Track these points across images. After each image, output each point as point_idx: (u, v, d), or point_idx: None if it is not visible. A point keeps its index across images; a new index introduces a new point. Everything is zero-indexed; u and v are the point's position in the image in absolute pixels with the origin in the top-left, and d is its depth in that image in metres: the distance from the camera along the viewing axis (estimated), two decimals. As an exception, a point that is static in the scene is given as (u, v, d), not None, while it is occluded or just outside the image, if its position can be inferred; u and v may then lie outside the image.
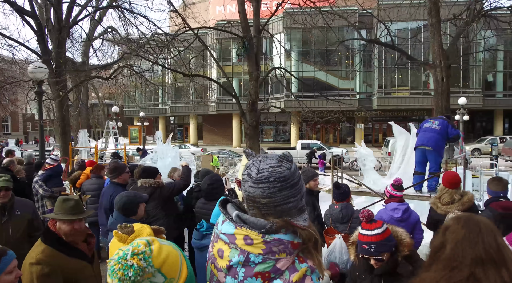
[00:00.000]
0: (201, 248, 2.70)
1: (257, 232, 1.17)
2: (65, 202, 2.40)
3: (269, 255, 1.16)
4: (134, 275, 1.11)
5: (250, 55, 7.63)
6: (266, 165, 1.23)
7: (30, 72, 8.12)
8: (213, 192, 3.79)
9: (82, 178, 6.31)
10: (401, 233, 2.26)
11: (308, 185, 4.11)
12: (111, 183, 4.14)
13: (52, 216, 2.41)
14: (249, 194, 1.23)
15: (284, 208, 1.21)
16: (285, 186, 1.20)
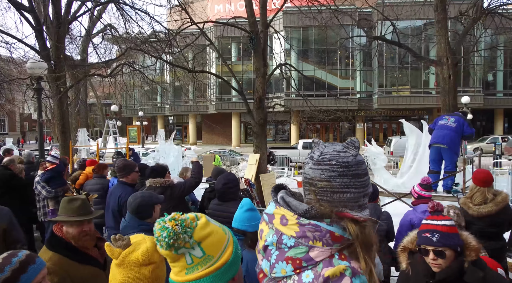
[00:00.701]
0: None
1: (293, 213, 1.11)
2: (71, 202, 2.14)
3: (302, 240, 1.08)
4: (167, 237, 1.13)
5: (257, 51, 7.37)
6: (331, 149, 1.17)
7: (29, 68, 7.84)
8: (228, 192, 3.54)
9: (81, 178, 6.04)
10: (467, 236, 1.99)
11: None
12: (119, 182, 3.87)
13: (58, 219, 2.15)
14: (307, 176, 1.16)
15: (342, 197, 1.11)
16: (346, 172, 1.12)
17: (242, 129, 41.31)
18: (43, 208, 5.49)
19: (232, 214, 3.50)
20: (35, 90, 8.37)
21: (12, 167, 5.60)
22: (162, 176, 3.71)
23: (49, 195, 5.31)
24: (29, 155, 6.59)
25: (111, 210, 3.78)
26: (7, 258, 1.68)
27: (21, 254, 1.75)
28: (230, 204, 3.54)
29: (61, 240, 2.10)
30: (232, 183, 3.55)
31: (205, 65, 20.61)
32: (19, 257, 1.71)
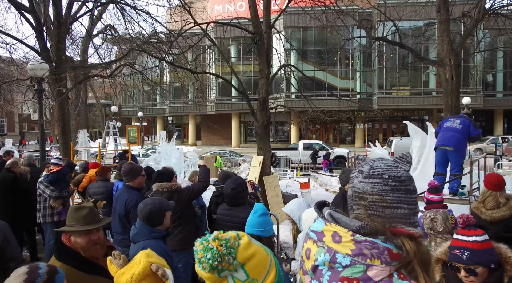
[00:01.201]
0: None
1: (347, 230, 1.04)
2: (78, 210, 2.07)
3: (359, 258, 1.01)
4: (211, 258, 1.09)
5: (261, 52, 7.31)
6: (381, 163, 1.13)
7: (30, 69, 7.76)
8: (237, 196, 3.48)
9: (84, 180, 5.96)
10: (505, 250, 1.91)
11: (344, 188, 3.83)
12: (126, 186, 3.79)
13: (66, 229, 2.08)
14: (356, 190, 1.12)
15: (394, 212, 1.07)
16: (399, 187, 1.08)
17: (242, 130, 41.26)
18: (44, 210, 5.38)
19: (242, 219, 3.44)
20: (36, 92, 8.28)
21: (16, 169, 5.53)
22: (169, 180, 3.64)
23: (53, 194, 5.23)
24: (29, 157, 6.49)
25: (117, 214, 3.70)
26: (32, 271, 1.63)
27: (43, 265, 1.73)
28: (239, 209, 3.47)
29: (69, 250, 2.03)
30: (241, 187, 3.49)
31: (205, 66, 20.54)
32: (43, 268, 1.69)
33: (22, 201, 5.35)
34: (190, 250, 3.79)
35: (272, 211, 6.49)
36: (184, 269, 3.65)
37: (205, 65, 21.08)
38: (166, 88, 27.63)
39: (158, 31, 11.74)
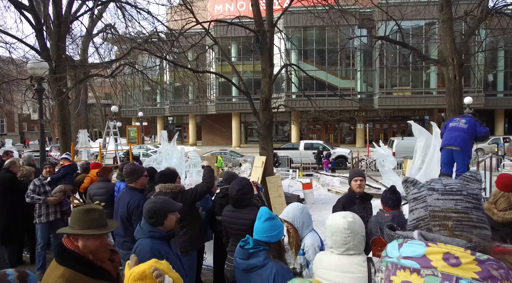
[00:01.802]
0: (249, 269, 2.28)
1: (464, 248, 0.88)
2: (88, 213, 1.97)
3: (489, 282, 0.84)
4: None
5: (263, 51, 7.22)
6: (452, 181, 1.04)
7: (30, 69, 7.67)
8: (243, 198, 3.39)
9: (86, 181, 5.87)
10: None
11: (350, 186, 3.73)
12: (128, 187, 3.70)
13: (77, 232, 1.95)
14: (435, 208, 0.99)
15: (481, 233, 0.95)
16: (479, 205, 0.98)
17: (242, 130, 41.19)
18: (39, 209, 5.31)
19: (247, 221, 3.35)
20: (36, 91, 8.19)
21: (14, 169, 5.44)
22: (172, 181, 3.55)
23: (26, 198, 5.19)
24: (29, 157, 6.40)
25: (119, 216, 3.61)
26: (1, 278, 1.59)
27: (11, 271, 1.68)
28: (245, 211, 3.39)
29: (72, 254, 1.93)
30: (247, 188, 3.39)
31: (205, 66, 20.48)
32: (12, 274, 1.65)
33: (21, 201, 5.25)
34: (194, 252, 3.71)
35: (275, 212, 6.39)
36: (188, 271, 3.56)
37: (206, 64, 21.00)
38: (167, 88, 27.57)
39: (159, 30, 11.66)
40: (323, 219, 8.98)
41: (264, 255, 2.22)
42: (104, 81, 16.96)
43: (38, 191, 5.27)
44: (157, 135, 45.07)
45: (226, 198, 3.80)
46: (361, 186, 3.74)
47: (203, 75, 12.27)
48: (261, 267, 2.20)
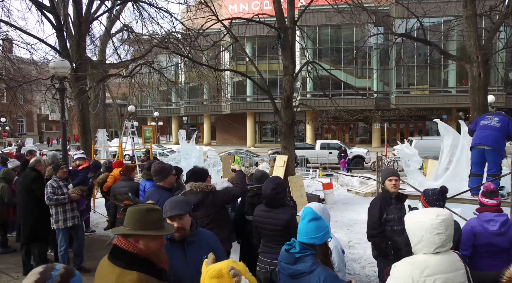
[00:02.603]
0: (295, 275, 2.15)
1: None
2: (150, 213, 1.85)
3: None
4: None
5: (285, 48, 7.10)
6: None
7: (52, 68, 7.70)
8: (277, 197, 3.28)
9: (109, 180, 5.86)
10: None
11: (385, 186, 3.59)
12: (157, 186, 3.62)
13: (142, 233, 1.80)
14: None
15: None
16: None
17: (257, 130, 41.12)
18: (56, 215, 5.18)
19: (282, 221, 3.24)
20: (58, 90, 8.23)
21: (39, 167, 5.43)
22: (203, 179, 3.45)
23: (48, 202, 5.10)
24: (53, 156, 6.42)
25: None
26: (45, 272, 1.55)
27: (59, 267, 1.63)
28: (279, 211, 3.28)
29: (138, 256, 1.81)
30: (280, 187, 3.29)
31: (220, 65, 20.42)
32: (58, 270, 1.60)
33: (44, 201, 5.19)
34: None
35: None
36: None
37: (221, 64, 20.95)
38: (182, 88, 27.69)
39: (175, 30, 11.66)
40: (345, 219, 8.82)
41: (311, 261, 2.10)
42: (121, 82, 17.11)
43: (57, 193, 5.20)
44: (172, 135, 45.38)
45: (258, 197, 3.71)
46: (396, 186, 3.59)
47: (219, 74, 12.24)
48: (308, 274, 2.08)
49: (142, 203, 2.05)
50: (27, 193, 5.25)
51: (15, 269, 5.76)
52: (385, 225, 3.59)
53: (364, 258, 5.83)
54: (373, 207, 3.63)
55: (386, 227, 3.59)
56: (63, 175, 5.21)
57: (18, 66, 16.25)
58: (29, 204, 5.28)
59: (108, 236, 7.37)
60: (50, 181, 5.13)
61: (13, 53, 18.41)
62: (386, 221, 3.60)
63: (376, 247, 3.68)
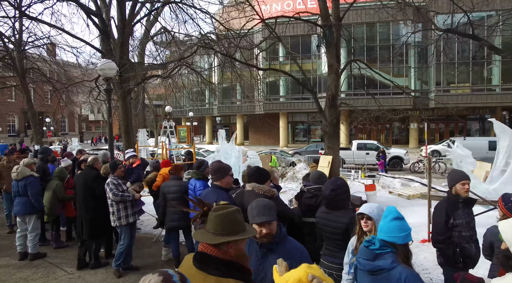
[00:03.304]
0: (374, 271, 2.07)
1: None
2: (238, 215, 1.76)
3: None
4: None
5: (330, 46, 6.94)
6: None
7: (100, 70, 7.95)
8: (337, 199, 3.17)
9: (158, 179, 5.94)
10: None
11: (454, 189, 3.38)
12: (213, 186, 3.59)
13: (239, 237, 1.71)
14: None
15: None
16: None
17: (290, 130, 40.89)
18: (118, 212, 5.25)
19: (342, 225, 3.12)
20: (105, 91, 8.49)
21: (97, 165, 5.59)
22: (263, 182, 3.35)
23: (116, 198, 5.17)
24: (104, 155, 6.59)
25: None
26: (167, 280, 1.40)
27: (173, 272, 1.48)
28: (339, 213, 3.17)
29: (231, 263, 1.71)
30: (341, 189, 3.17)
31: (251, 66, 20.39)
32: (175, 276, 1.45)
33: (105, 198, 5.31)
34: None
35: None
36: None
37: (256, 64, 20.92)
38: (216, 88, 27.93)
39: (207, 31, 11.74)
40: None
41: (392, 258, 2.03)
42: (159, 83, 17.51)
43: (119, 190, 5.28)
44: (206, 135, 45.99)
45: (315, 198, 3.60)
46: (468, 190, 3.38)
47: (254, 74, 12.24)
48: (388, 270, 2.00)
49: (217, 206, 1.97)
50: (87, 191, 5.42)
51: (69, 264, 5.98)
52: (452, 230, 3.39)
53: (417, 263, 5.58)
54: (439, 211, 3.44)
55: (454, 233, 3.38)
56: (121, 174, 5.31)
57: (64, 69, 17.02)
58: (89, 201, 5.45)
59: (153, 234, 7.52)
60: (110, 179, 5.24)
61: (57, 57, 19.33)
62: (453, 226, 3.39)
63: (442, 254, 3.48)
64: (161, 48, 15.47)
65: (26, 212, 5.94)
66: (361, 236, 2.73)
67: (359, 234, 2.74)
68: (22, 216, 5.98)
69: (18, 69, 16.10)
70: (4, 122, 43.08)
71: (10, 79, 21.58)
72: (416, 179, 12.88)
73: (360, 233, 2.74)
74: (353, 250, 2.79)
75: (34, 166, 6.17)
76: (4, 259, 6.29)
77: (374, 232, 2.63)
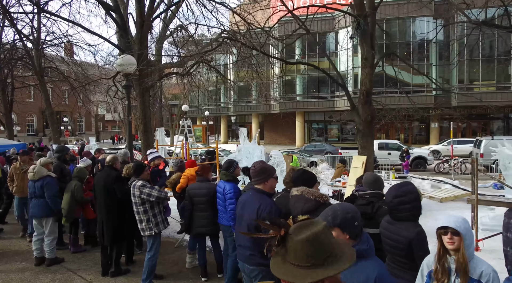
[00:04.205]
0: None
1: None
2: (329, 234, 1.29)
3: None
4: None
5: (365, 37, 6.42)
6: None
7: (119, 65, 7.61)
8: (400, 208, 2.67)
9: (183, 181, 5.51)
10: None
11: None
12: (255, 190, 3.09)
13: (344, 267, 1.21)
14: None
15: None
16: None
17: (306, 130, 40.26)
18: (150, 220, 4.64)
19: (403, 239, 2.59)
20: (124, 88, 8.16)
21: (117, 165, 5.21)
22: (311, 185, 2.89)
23: (162, 194, 4.67)
24: (125, 154, 6.16)
25: (245, 223, 3.04)
26: None
27: None
28: (402, 225, 2.66)
29: None
30: (408, 196, 2.66)
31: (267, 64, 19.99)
32: None
33: (127, 201, 4.89)
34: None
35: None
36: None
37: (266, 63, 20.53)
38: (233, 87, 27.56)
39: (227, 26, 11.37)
40: (429, 228, 7.92)
41: None
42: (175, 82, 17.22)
43: None
44: (221, 134, 45.72)
45: (371, 206, 3.11)
46: None
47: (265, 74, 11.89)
48: None
49: (296, 223, 1.47)
50: (108, 193, 5.04)
51: (87, 271, 5.61)
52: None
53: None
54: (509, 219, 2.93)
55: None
56: (147, 177, 4.80)
57: (81, 68, 16.88)
58: (110, 204, 5.06)
59: (174, 238, 7.12)
60: (140, 182, 4.66)
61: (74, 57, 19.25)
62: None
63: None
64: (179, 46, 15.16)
65: (43, 215, 5.58)
66: (443, 255, 2.22)
67: (441, 253, 2.23)
68: (39, 219, 5.63)
69: (36, 68, 16.03)
70: (23, 122, 43.63)
71: (29, 79, 21.66)
72: (447, 181, 12.19)
73: (442, 252, 2.23)
74: (431, 273, 2.28)
75: (51, 166, 5.82)
76: (20, 264, 5.97)
77: (462, 251, 2.13)
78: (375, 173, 3.49)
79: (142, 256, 5.80)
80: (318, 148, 26.70)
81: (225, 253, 4.81)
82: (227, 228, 4.50)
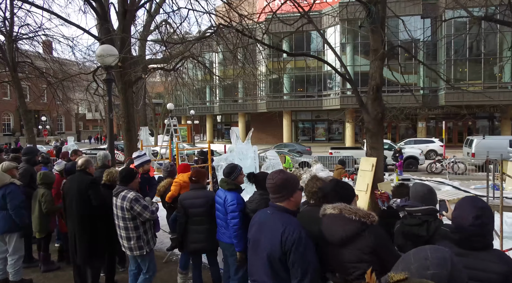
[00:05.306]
0: None
1: None
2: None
3: None
4: None
5: (375, 27, 5.78)
6: None
7: (98, 56, 6.75)
8: (483, 233, 1.97)
9: (173, 189, 4.71)
10: None
11: None
12: (276, 208, 2.28)
13: None
14: None
15: None
16: None
17: (293, 129, 39.76)
18: (140, 237, 3.86)
19: (495, 276, 1.92)
20: (105, 82, 7.32)
21: (91, 169, 4.40)
22: (349, 200, 2.18)
23: (153, 216, 3.89)
24: (105, 157, 5.30)
25: (264, 253, 2.26)
26: None
27: None
28: (484, 256, 1.94)
29: None
30: (486, 215, 1.98)
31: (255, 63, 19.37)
32: None
33: (106, 212, 4.12)
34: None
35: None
36: None
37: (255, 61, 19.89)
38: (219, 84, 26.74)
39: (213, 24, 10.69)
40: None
41: None
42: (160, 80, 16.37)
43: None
44: (206, 134, 44.79)
45: (427, 227, 2.40)
46: None
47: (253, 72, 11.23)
48: None
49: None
50: (82, 202, 4.20)
51: (61, 293, 4.79)
52: None
53: None
54: None
55: None
56: (136, 187, 3.98)
57: (59, 63, 15.81)
58: (84, 215, 4.24)
59: (162, 251, 6.31)
60: (132, 194, 3.81)
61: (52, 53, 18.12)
62: None
63: None
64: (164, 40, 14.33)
65: (6, 230, 4.66)
66: None
67: None
68: (1, 235, 4.73)
69: (9, 62, 14.89)
70: (-1, 121, 41.79)
71: (3, 76, 20.34)
72: (446, 182, 11.75)
73: None
74: None
75: (16, 171, 4.93)
76: (-20, 287, 5.09)
77: None
78: (426, 183, 2.79)
79: (125, 275, 4.99)
80: (289, 148, 26.29)
81: (224, 274, 4.07)
82: (228, 246, 3.76)
